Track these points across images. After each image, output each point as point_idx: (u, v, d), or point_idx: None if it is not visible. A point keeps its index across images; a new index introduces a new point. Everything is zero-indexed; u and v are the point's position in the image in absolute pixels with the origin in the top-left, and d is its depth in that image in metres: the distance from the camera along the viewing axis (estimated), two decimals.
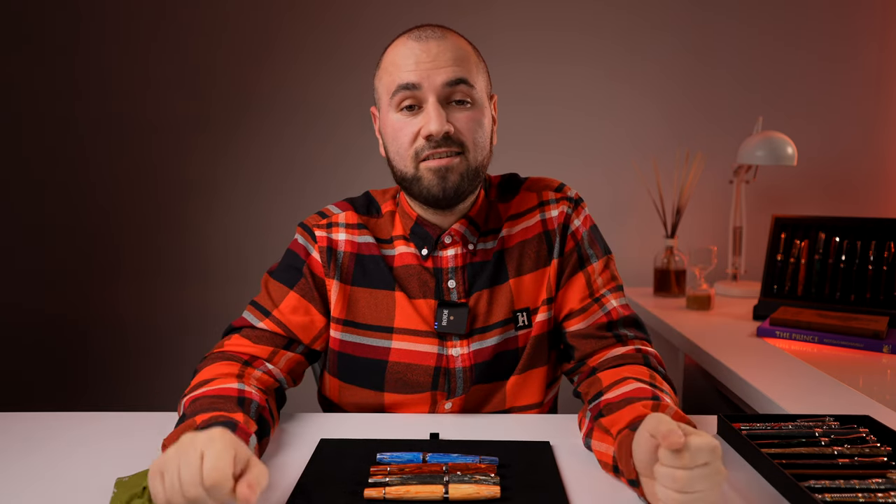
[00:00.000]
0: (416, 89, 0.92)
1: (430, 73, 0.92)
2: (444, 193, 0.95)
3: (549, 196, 1.07)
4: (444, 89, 0.93)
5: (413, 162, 0.95)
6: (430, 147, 0.93)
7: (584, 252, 1.05)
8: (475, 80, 0.96)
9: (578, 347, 1.01)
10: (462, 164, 0.95)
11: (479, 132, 0.96)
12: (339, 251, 1.03)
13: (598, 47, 2.13)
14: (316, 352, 1.04)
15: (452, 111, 0.94)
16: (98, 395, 2.26)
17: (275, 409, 0.94)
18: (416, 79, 0.92)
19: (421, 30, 0.95)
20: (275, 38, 2.14)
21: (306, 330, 1.01)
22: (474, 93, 0.95)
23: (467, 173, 0.96)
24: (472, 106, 0.95)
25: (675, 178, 2.10)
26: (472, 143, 0.95)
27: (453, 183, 0.95)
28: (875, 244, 1.66)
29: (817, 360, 1.35)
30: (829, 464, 0.81)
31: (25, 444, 0.91)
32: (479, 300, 1.01)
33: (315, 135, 2.17)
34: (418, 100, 0.93)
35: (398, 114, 0.95)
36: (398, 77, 0.93)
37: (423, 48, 0.93)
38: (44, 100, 2.16)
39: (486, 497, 0.74)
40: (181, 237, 2.22)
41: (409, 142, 0.94)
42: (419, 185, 0.96)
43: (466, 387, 1.00)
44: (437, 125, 0.91)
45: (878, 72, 2.12)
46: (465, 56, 0.95)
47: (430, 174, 0.94)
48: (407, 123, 0.94)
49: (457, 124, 0.94)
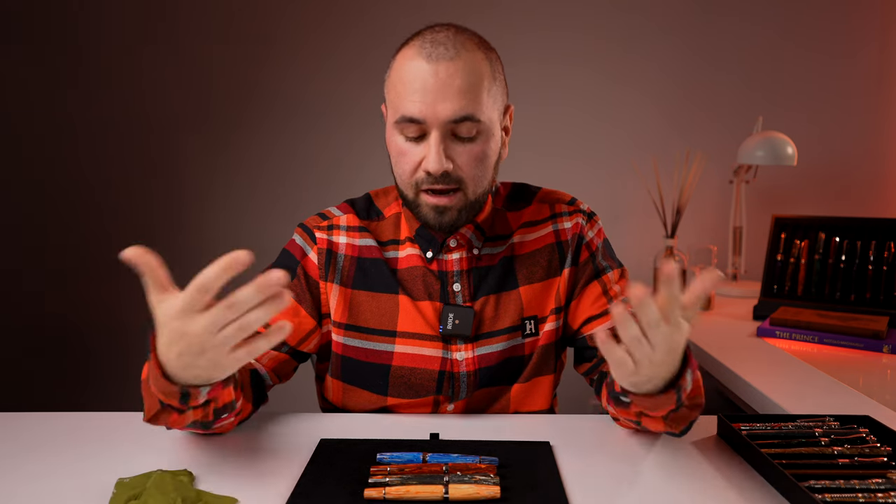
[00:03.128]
0: (420, 123, 0.91)
1: (435, 106, 0.89)
2: (440, 227, 0.96)
3: (562, 209, 1.07)
4: (447, 125, 0.91)
5: (413, 190, 0.95)
6: (429, 182, 0.93)
7: (598, 263, 1.05)
8: (482, 111, 0.92)
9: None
10: (460, 199, 0.94)
11: (481, 167, 0.95)
12: (339, 254, 1.02)
13: (598, 47, 2.13)
14: (303, 354, 1.03)
15: (455, 146, 0.92)
16: (98, 395, 2.26)
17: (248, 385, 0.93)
18: (420, 114, 0.90)
19: (433, 44, 0.90)
20: (274, 37, 2.14)
21: (293, 332, 1.00)
22: (481, 126, 0.93)
23: (465, 207, 0.96)
24: (477, 138, 0.93)
25: (675, 178, 2.09)
26: (470, 178, 0.94)
27: (450, 218, 0.95)
28: (875, 244, 1.66)
29: (817, 360, 1.35)
30: (829, 464, 0.81)
31: (25, 444, 0.91)
32: (486, 305, 1.01)
33: (315, 134, 2.17)
34: (422, 130, 0.92)
35: (401, 137, 0.94)
36: (402, 106, 0.91)
37: (432, 71, 0.89)
38: (43, 100, 2.16)
39: (486, 497, 0.74)
40: (181, 237, 2.22)
41: (410, 171, 0.94)
42: (418, 211, 0.96)
43: (470, 391, 1.00)
44: (436, 165, 0.90)
45: (878, 72, 2.12)
46: (477, 81, 0.91)
47: (427, 208, 0.95)
48: (409, 151, 0.93)
49: (457, 160, 0.92)
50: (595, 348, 1.02)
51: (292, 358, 1.02)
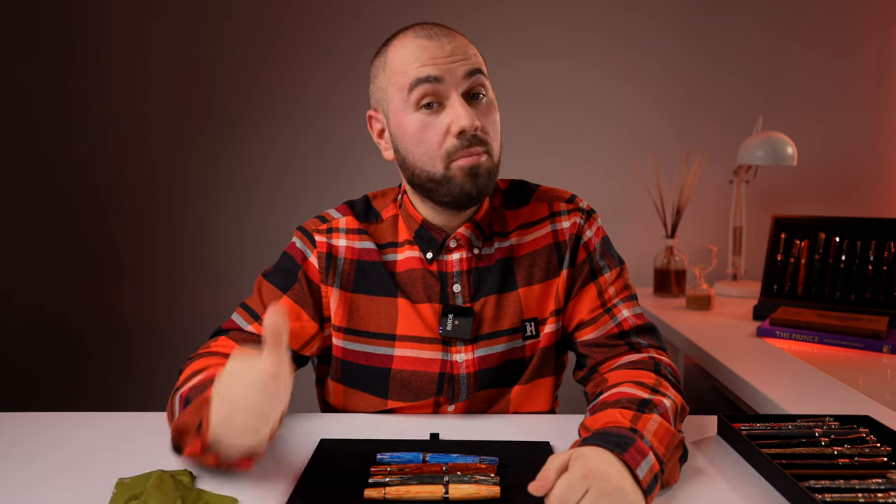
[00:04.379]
0: (438, 83, 0.90)
1: (449, 66, 0.90)
2: (477, 191, 0.93)
3: (560, 207, 1.05)
4: (464, 81, 0.91)
5: (444, 162, 0.92)
6: (463, 145, 0.91)
7: (595, 263, 1.03)
8: (486, 73, 0.96)
9: (591, 356, 1.01)
10: (488, 161, 0.93)
11: (496, 129, 0.96)
12: (339, 257, 1.01)
13: (599, 46, 2.13)
14: (304, 357, 1.03)
15: (475, 107, 0.92)
16: (98, 395, 2.26)
17: None
18: (438, 72, 0.90)
19: (424, 28, 0.94)
20: (274, 37, 2.14)
21: (295, 336, 0.99)
22: (488, 88, 0.95)
23: (491, 171, 0.94)
24: (487, 100, 0.94)
25: (675, 178, 2.10)
26: (494, 141, 0.94)
27: (483, 182, 0.93)
28: (875, 244, 1.66)
29: (817, 360, 1.35)
30: (829, 464, 0.81)
31: (25, 444, 0.91)
32: (486, 306, 1.00)
33: (314, 134, 2.17)
34: (439, 96, 0.91)
35: (418, 113, 0.92)
36: (415, 72, 0.90)
37: (436, 45, 0.91)
38: (43, 100, 2.16)
39: (486, 497, 0.74)
40: (181, 237, 2.22)
41: (438, 142, 0.91)
42: (449, 186, 0.93)
43: (470, 392, 1.00)
44: (470, 120, 0.89)
45: (878, 71, 2.12)
46: (474, 50, 0.95)
47: (461, 173, 0.92)
48: (432, 122, 0.91)
49: (482, 120, 0.92)
50: (587, 355, 1.01)
51: (294, 363, 1.01)
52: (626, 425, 0.76)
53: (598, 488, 0.65)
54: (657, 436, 0.76)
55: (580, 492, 0.65)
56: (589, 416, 0.83)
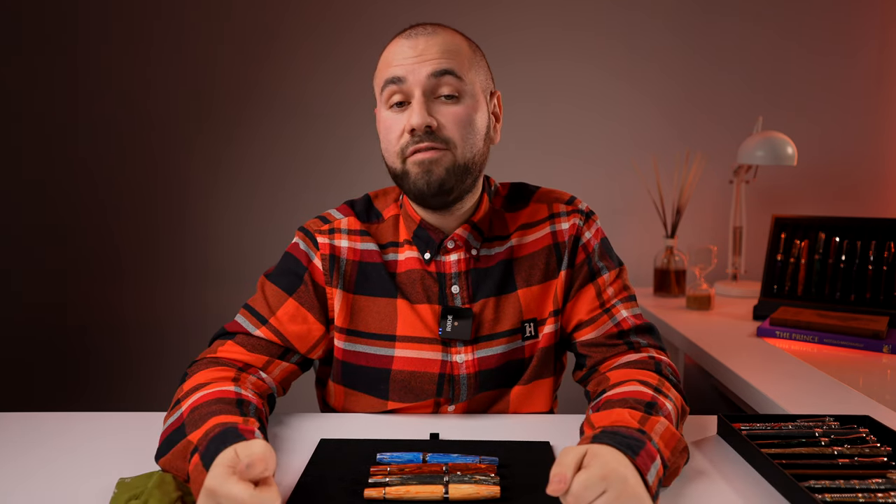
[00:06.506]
0: (402, 83, 0.92)
1: (415, 66, 0.92)
2: (428, 187, 0.93)
3: (559, 209, 1.05)
4: (429, 81, 0.92)
5: (400, 158, 0.94)
6: (414, 142, 0.92)
7: (594, 264, 1.03)
8: (465, 73, 0.94)
9: (590, 356, 1.01)
10: (447, 158, 0.93)
11: (468, 130, 0.94)
12: (341, 258, 1.01)
13: (599, 46, 2.13)
14: (310, 360, 1.03)
15: (438, 106, 0.93)
16: (98, 395, 2.26)
17: (268, 414, 0.94)
18: (402, 73, 0.92)
19: (413, 28, 0.96)
20: (274, 37, 2.14)
21: (303, 339, 0.99)
22: (463, 86, 0.93)
23: (454, 169, 0.93)
24: (460, 100, 0.94)
25: (675, 178, 2.10)
26: (458, 139, 0.93)
27: (438, 176, 0.92)
28: (875, 244, 1.66)
29: (817, 360, 1.35)
30: (829, 464, 0.81)
31: (25, 444, 0.91)
32: (486, 307, 1.00)
33: (315, 134, 2.17)
34: (406, 95, 0.93)
35: (388, 111, 0.95)
36: (386, 73, 0.94)
37: (411, 45, 0.93)
38: (43, 100, 2.16)
39: (486, 497, 0.74)
40: (181, 237, 2.22)
41: (396, 138, 0.94)
42: (407, 181, 0.95)
43: (471, 393, 1.00)
44: (419, 118, 0.90)
45: (878, 72, 2.12)
46: (456, 49, 0.94)
47: (415, 168, 0.93)
48: (396, 120, 0.94)
49: (441, 119, 0.92)
50: (586, 355, 1.01)
51: (300, 367, 1.02)
52: (635, 426, 0.77)
53: (615, 490, 0.65)
54: (664, 439, 0.77)
55: (597, 492, 0.65)
56: (593, 413, 0.83)
